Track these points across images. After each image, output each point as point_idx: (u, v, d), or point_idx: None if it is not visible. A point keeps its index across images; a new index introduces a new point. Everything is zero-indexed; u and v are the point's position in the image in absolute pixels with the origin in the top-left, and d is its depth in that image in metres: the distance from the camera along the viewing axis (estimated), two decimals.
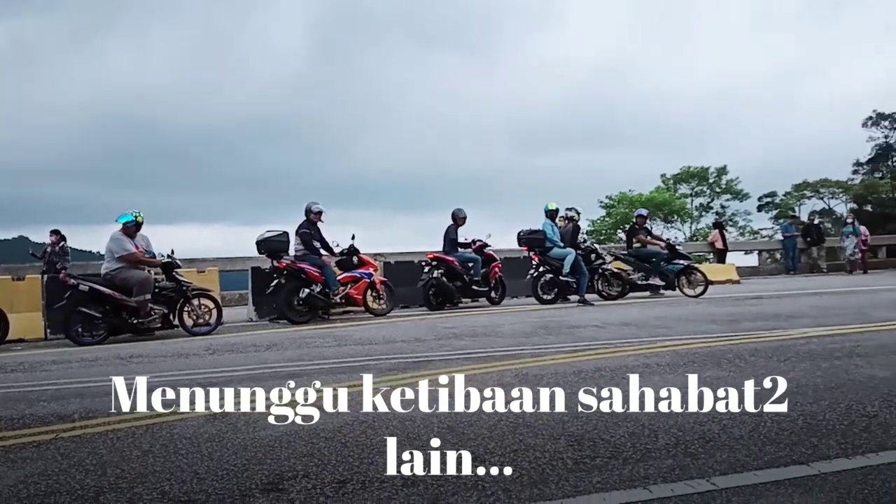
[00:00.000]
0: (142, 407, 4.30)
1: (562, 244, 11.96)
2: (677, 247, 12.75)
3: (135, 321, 8.78)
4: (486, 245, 12.34)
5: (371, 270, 11.22)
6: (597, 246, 13.26)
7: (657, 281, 12.37)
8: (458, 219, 12.13)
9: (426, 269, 11.72)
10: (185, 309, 9.25)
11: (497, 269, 12.27)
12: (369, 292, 11.01)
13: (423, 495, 2.63)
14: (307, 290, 10.19)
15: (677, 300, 11.54)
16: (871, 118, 43.35)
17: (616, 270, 12.66)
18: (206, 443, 3.45)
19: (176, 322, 9.22)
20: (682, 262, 12.46)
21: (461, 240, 12.15)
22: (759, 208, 45.07)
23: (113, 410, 4.27)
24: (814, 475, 2.76)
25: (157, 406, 4.30)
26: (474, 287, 11.80)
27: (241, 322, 10.88)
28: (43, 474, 3.02)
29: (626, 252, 13.06)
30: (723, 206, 43.81)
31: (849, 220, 20.38)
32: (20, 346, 8.81)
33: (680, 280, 12.30)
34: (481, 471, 2.89)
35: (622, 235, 39.79)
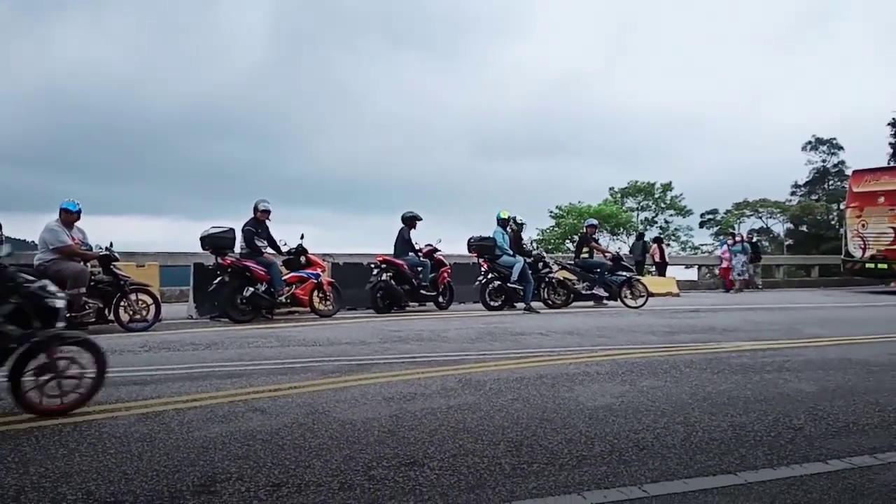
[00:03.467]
0: None
1: (511, 252, 12.09)
2: (622, 259, 13.09)
3: (68, 315, 8.43)
4: (436, 250, 12.36)
5: (319, 271, 11.08)
6: (545, 255, 13.45)
7: (601, 291, 12.64)
8: (407, 220, 12.11)
9: (375, 271, 11.65)
10: (122, 304, 8.94)
11: (446, 275, 12.30)
12: (316, 293, 10.86)
13: (359, 499, 2.61)
14: (251, 289, 9.98)
15: (619, 311, 11.79)
16: (810, 142, 45.49)
17: (562, 279, 12.88)
18: (136, 442, 3.34)
19: (111, 317, 8.90)
20: (625, 273, 12.78)
21: (413, 244, 12.13)
22: (702, 224, 46.68)
23: None
24: (740, 484, 2.86)
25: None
26: (422, 291, 11.80)
27: (180, 319, 10.58)
28: None
29: (572, 262, 13.31)
30: (667, 221, 45.09)
31: (737, 239, 21.09)
32: None
33: (623, 291, 12.59)
34: (419, 475, 2.89)
35: (570, 246, 40.41)
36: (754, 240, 23.42)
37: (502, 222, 12.37)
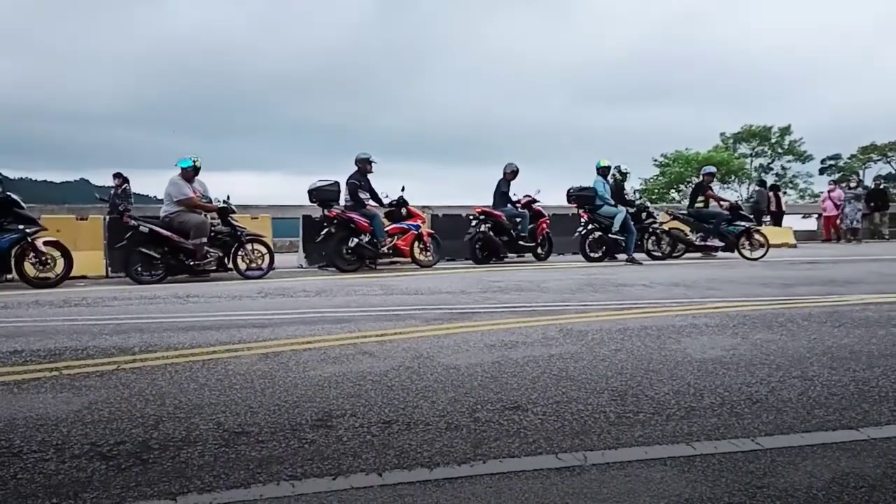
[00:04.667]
0: (201, 343, 4.50)
1: (612, 202, 11.76)
2: (741, 209, 12.42)
3: (191, 263, 9.10)
4: (534, 201, 12.25)
5: (419, 223, 11.30)
6: (648, 204, 13.00)
7: (716, 242, 12.09)
8: (508, 173, 12.04)
9: (473, 222, 11.73)
10: (239, 253, 9.54)
11: (545, 226, 12.19)
12: (416, 244, 11.10)
13: (465, 439, 2.69)
14: (356, 240, 10.34)
15: (728, 262, 11.28)
16: None
17: (667, 230, 12.42)
18: (258, 379, 3.59)
19: (230, 265, 9.52)
20: (743, 223, 12.11)
21: (511, 195, 12.07)
22: (822, 171, 43.37)
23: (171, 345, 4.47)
24: (863, 440, 2.71)
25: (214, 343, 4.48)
26: (521, 242, 11.77)
27: (291, 268, 11.15)
28: (106, 402, 3.20)
29: (685, 211, 12.76)
30: (784, 168, 42.21)
31: (852, 185, 19.22)
32: (83, 282, 9.25)
33: (740, 242, 11.98)
34: (523, 419, 2.94)
35: (676, 195, 38.84)
36: (881, 186, 21.52)
37: (602, 171, 12.03)
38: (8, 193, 8.71)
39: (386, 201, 11.18)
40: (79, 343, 4.58)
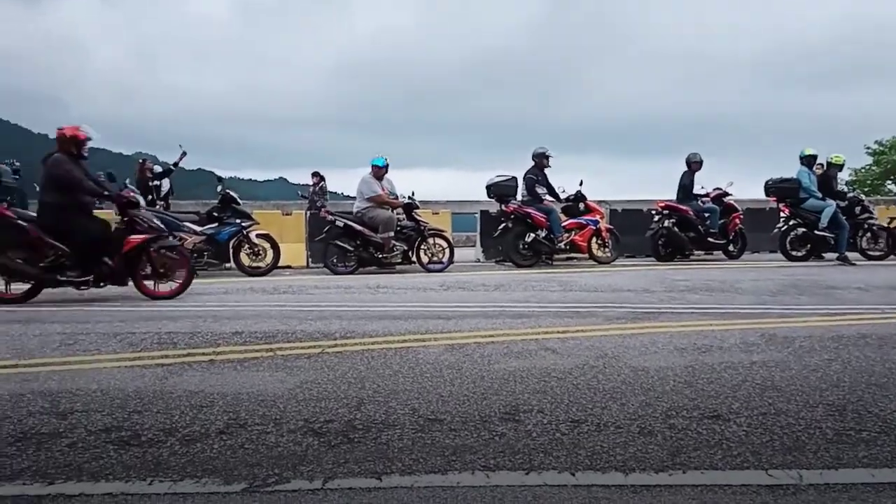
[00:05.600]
0: (392, 331, 4.78)
1: (820, 195, 10.58)
2: None
3: (380, 256, 9.69)
4: (725, 194, 11.41)
5: (597, 217, 11.03)
6: (863, 197, 11.54)
7: None
8: (693, 164, 11.34)
9: (656, 217, 11.20)
10: (422, 247, 9.98)
11: (737, 221, 11.30)
12: (594, 240, 10.85)
13: (661, 446, 2.57)
14: (533, 235, 10.34)
15: None
16: None
17: (885, 225, 10.94)
18: (446, 369, 3.72)
19: (413, 258, 9.99)
20: None
21: (697, 188, 11.36)
22: None
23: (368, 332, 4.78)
24: None
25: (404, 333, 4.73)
26: (710, 239, 11.03)
27: (469, 262, 11.44)
28: (314, 382, 3.50)
29: None
30: None
31: None
32: (288, 271, 10.22)
33: None
34: (725, 429, 2.74)
35: (893, 188, 34.14)
36: None
37: (807, 161, 10.85)
38: (228, 191, 9.87)
39: (563, 196, 11.04)
40: (288, 327, 5.06)
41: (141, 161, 13.46)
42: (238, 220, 9.55)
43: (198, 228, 9.28)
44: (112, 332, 4.90)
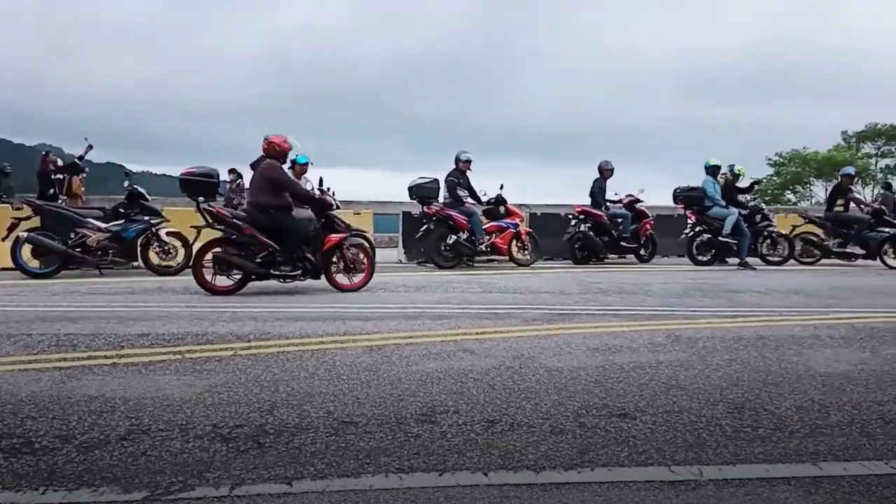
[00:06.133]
0: (309, 333, 4.68)
1: (723, 203, 11.20)
2: (885, 213, 11.48)
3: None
4: (637, 200, 11.87)
5: (517, 221, 11.22)
6: (763, 206, 12.29)
7: (856, 249, 11.24)
8: (605, 171, 11.75)
9: (573, 221, 11.52)
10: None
11: (648, 227, 11.79)
12: (514, 242, 11.04)
13: (571, 444, 2.63)
14: (454, 237, 10.41)
15: (851, 270, 10.47)
16: None
17: (786, 234, 11.69)
18: (364, 371, 3.68)
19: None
20: (888, 230, 11.18)
21: (611, 195, 11.77)
22: None
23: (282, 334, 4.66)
24: None
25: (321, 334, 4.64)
26: (623, 243, 11.45)
27: (391, 263, 11.38)
28: (225, 386, 3.38)
29: (821, 215, 11.95)
30: None
31: None
32: None
33: (883, 250, 11.09)
34: (632, 427, 2.84)
35: (792, 196, 36.52)
36: None
37: (712, 170, 11.48)
38: (135, 186, 9.39)
39: (484, 199, 11.18)
40: (199, 329, 4.86)
41: (43, 153, 12.70)
42: (147, 217, 9.10)
43: (102, 225, 8.80)
44: (6, 334, 4.57)
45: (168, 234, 9.22)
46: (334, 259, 7.42)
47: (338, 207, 9.99)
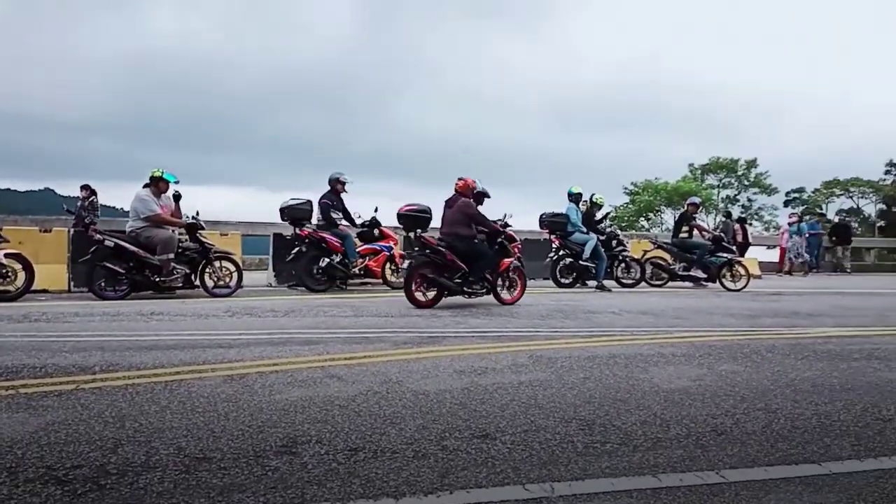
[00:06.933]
0: (164, 363, 4.41)
1: (584, 229, 11.91)
2: (724, 240, 12.69)
3: (157, 279, 8.92)
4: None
5: (391, 244, 11.26)
6: (619, 232, 13.18)
7: (699, 273, 12.27)
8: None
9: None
10: (207, 270, 9.38)
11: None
12: (388, 265, 11.06)
13: (433, 468, 2.66)
14: (327, 260, 10.26)
15: (696, 292, 11.45)
16: None
17: (637, 258, 12.58)
18: (222, 402, 3.52)
19: (197, 282, 9.35)
20: (726, 255, 12.32)
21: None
22: (787, 203, 44.51)
23: (132, 364, 4.36)
24: (825, 475, 2.75)
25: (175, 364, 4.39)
26: None
27: (260, 287, 11.01)
28: (63, 423, 3.10)
29: (669, 241, 12.94)
30: (750, 200, 43.23)
31: (792, 220, 19.97)
32: (44, 296, 8.99)
33: (722, 273, 12.19)
34: (491, 448, 2.92)
35: (645, 223, 39.35)
36: (844, 221, 22.18)
37: (575, 198, 12.18)
38: None
39: (358, 221, 11.14)
40: (38, 360, 4.45)
41: None
42: None
43: None
44: None
45: (7, 255, 8.37)
46: (500, 279, 8.82)
47: (202, 228, 9.59)
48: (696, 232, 12.94)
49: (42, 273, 9.04)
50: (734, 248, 13.52)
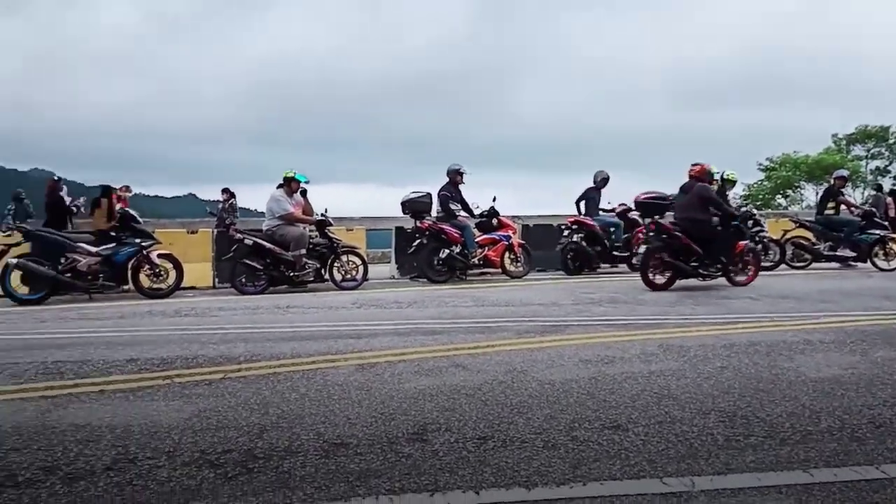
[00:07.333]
0: (301, 353, 4.66)
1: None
2: (875, 216, 11.50)
3: (291, 274, 9.44)
4: (629, 209, 11.88)
5: (510, 233, 11.22)
6: (755, 212, 12.33)
7: (846, 252, 11.25)
8: (599, 181, 11.80)
9: (565, 232, 11.52)
10: (335, 264, 9.81)
11: (640, 235, 11.79)
12: (507, 255, 11.03)
13: (564, 458, 2.62)
14: (447, 251, 10.39)
15: (842, 273, 10.50)
16: None
17: (775, 238, 11.72)
18: (355, 391, 3.66)
19: (326, 276, 9.81)
20: (878, 231, 11.20)
21: (604, 203, 11.80)
22: None
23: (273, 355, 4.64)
24: None
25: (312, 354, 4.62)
26: (615, 252, 11.45)
27: (384, 279, 11.36)
28: (214, 410, 3.35)
29: (812, 219, 11.97)
30: None
31: None
32: (192, 293, 9.79)
33: (874, 252, 11.11)
34: (624, 439, 2.83)
35: (782, 201, 36.61)
36: None
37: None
38: (126, 209, 9.36)
39: (477, 212, 11.18)
40: (189, 352, 4.84)
41: (53, 180, 12.34)
42: (137, 240, 9.06)
43: (93, 249, 8.76)
44: None
45: (159, 256, 9.18)
46: (734, 261, 8.83)
47: (330, 224, 10.04)
48: (843, 208, 11.84)
49: (190, 271, 9.81)
50: (886, 223, 12.22)
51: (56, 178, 12.38)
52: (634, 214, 11.89)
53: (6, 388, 3.83)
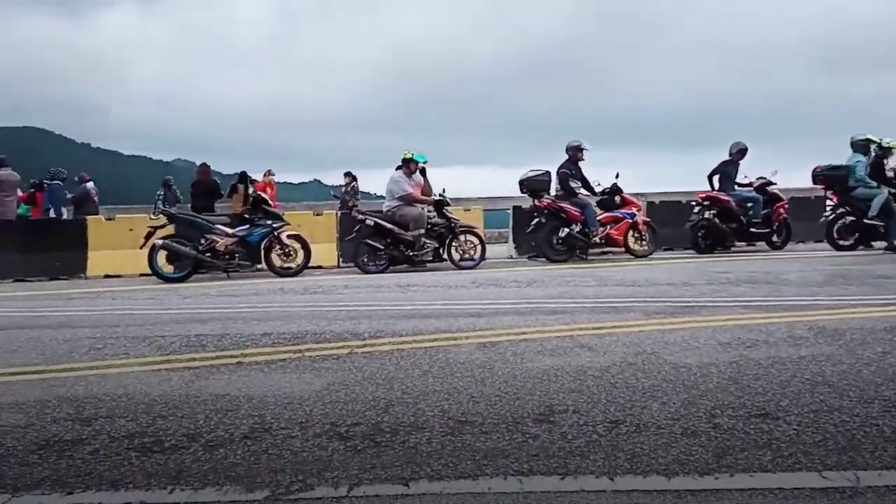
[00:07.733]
0: (423, 330, 4.68)
1: (873, 183, 10.10)
2: None
3: (410, 253, 9.61)
4: (769, 183, 11.02)
5: (634, 211, 10.77)
6: None
7: None
8: (735, 153, 11.01)
9: (696, 209, 10.88)
10: (453, 244, 9.87)
11: (782, 210, 10.91)
12: (631, 233, 10.60)
13: (706, 447, 2.41)
14: (567, 230, 10.14)
15: None
16: None
17: None
18: (478, 369, 3.60)
19: (444, 256, 9.89)
20: None
21: (741, 178, 11.02)
22: None
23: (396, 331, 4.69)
24: None
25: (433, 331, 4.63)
26: (753, 229, 10.67)
27: (501, 259, 11.29)
28: (342, 384, 3.41)
29: None
30: None
31: None
32: (318, 271, 10.21)
33: None
34: (774, 429, 2.57)
35: None
36: None
37: (860, 147, 10.38)
38: (259, 193, 9.89)
39: (598, 189, 10.82)
40: (317, 327, 5.00)
41: (203, 165, 13.06)
42: (269, 222, 9.57)
43: (229, 230, 9.34)
44: (141, 336, 4.91)
45: (289, 237, 9.64)
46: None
47: (448, 205, 10.09)
48: None
49: (316, 251, 10.23)
50: None
51: (203, 163, 13.05)
52: (775, 188, 11.01)
53: (154, 359, 4.12)
